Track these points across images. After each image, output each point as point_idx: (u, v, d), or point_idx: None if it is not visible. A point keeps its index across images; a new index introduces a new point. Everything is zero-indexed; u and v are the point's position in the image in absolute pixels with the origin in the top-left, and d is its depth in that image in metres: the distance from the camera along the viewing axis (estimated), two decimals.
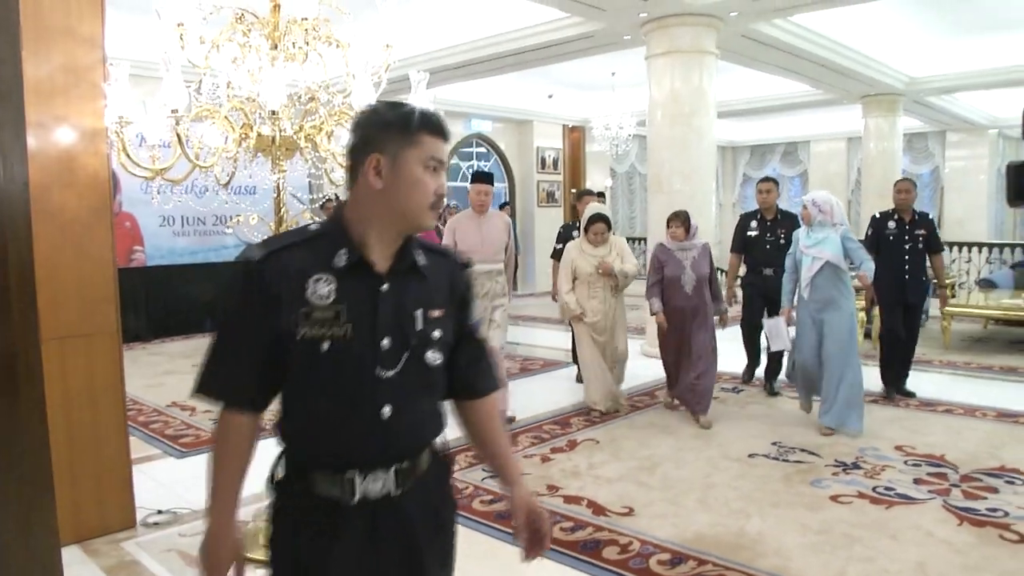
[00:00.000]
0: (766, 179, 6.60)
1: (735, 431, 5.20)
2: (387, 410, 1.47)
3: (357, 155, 1.49)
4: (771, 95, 13.30)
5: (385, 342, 1.47)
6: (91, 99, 3.50)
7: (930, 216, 6.25)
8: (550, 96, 13.74)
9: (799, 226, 5.58)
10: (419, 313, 1.51)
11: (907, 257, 5.96)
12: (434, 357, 1.54)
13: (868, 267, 5.14)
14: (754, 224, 6.41)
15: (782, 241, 6.03)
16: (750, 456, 4.66)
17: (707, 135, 7.94)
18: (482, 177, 5.51)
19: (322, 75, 3.35)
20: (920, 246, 5.99)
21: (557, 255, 6.63)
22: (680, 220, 5.56)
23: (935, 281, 6.43)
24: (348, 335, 1.44)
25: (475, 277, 4.47)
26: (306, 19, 3.06)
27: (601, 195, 9.05)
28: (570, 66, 10.49)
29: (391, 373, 1.47)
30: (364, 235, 1.49)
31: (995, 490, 4.07)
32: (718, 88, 8.16)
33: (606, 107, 12.55)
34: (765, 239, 6.29)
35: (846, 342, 5.05)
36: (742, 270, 6.59)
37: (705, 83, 7.83)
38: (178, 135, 2.84)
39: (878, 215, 6.24)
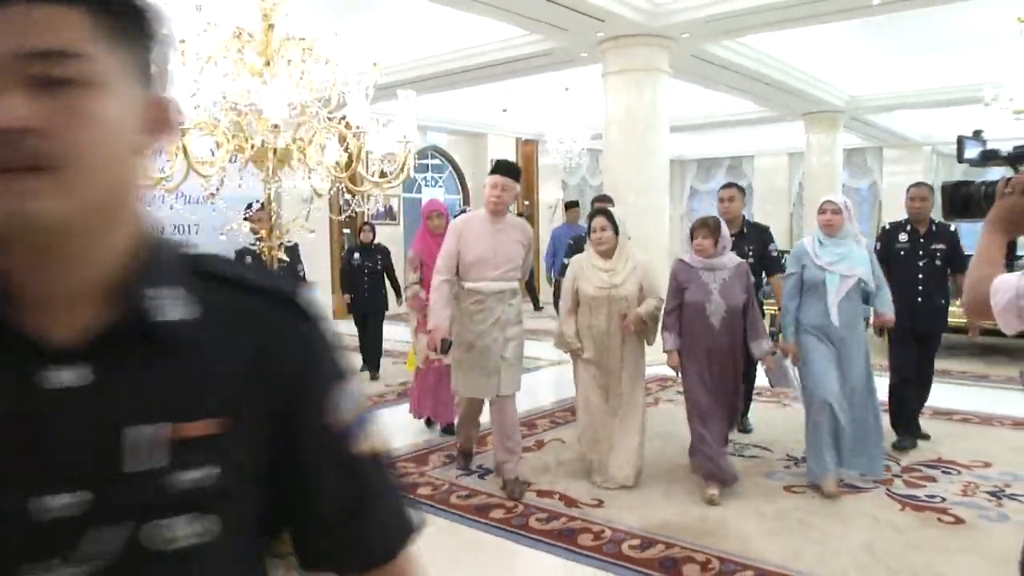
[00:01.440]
0: (729, 185, 5.40)
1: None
2: None
3: None
4: (718, 111, 13.76)
5: (59, 502, 0.67)
6: None
7: (952, 228, 5.05)
8: (504, 110, 14.03)
9: (771, 240, 5.17)
10: (145, 434, 0.69)
11: (921, 276, 4.94)
12: (186, 532, 0.71)
13: (884, 297, 4.43)
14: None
15: (749, 259, 4.85)
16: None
17: (660, 150, 8.28)
18: (504, 168, 4.27)
19: (313, 91, 3.54)
20: (938, 263, 4.95)
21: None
22: (708, 229, 4.18)
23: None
24: None
25: (480, 299, 4.15)
26: (303, 39, 3.24)
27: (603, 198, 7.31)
28: (524, 81, 10.76)
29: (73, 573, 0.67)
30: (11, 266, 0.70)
31: (933, 479, 4.43)
32: (669, 104, 8.52)
33: (560, 121, 12.87)
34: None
35: (867, 371, 4.31)
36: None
37: (658, 100, 8.18)
38: (184, 147, 3.00)
39: (888, 226, 5.31)
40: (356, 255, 7.67)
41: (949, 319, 5.26)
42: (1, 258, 0.69)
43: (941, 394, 6.48)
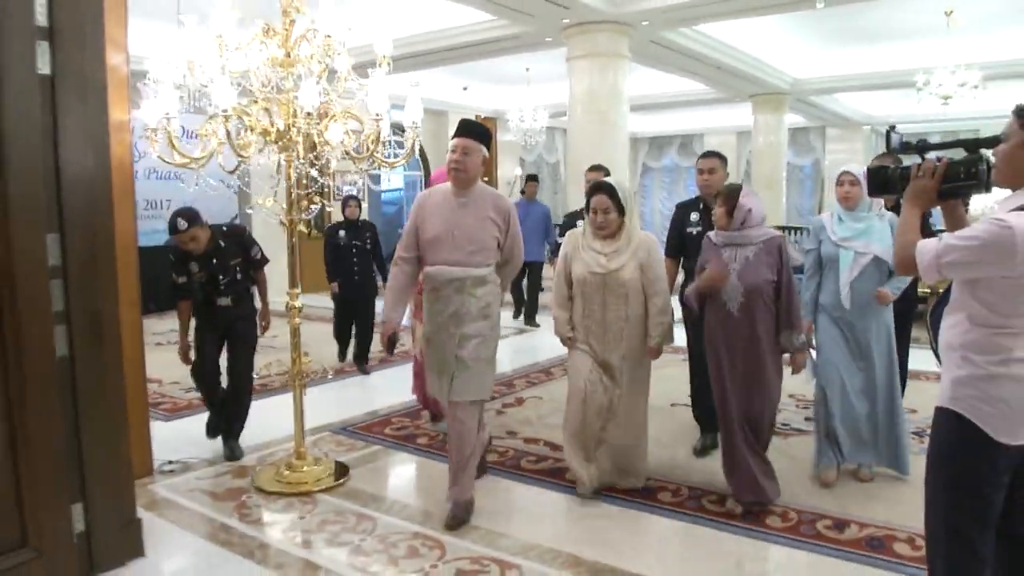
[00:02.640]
0: (710, 154, 4.65)
1: (658, 386, 6.04)
2: None
3: None
4: (669, 92, 14.35)
5: None
6: (118, 93, 3.98)
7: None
8: (465, 88, 14.41)
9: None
10: None
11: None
12: None
13: (904, 279, 3.91)
14: (694, 217, 4.56)
15: None
16: (672, 405, 5.51)
17: (621, 129, 8.84)
18: (466, 128, 3.62)
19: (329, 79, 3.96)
20: None
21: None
22: (723, 197, 3.61)
23: None
24: None
25: (436, 288, 3.57)
26: (329, 36, 3.66)
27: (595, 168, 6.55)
28: (486, 61, 11.17)
29: None
30: None
31: None
32: (629, 86, 9.05)
33: (520, 100, 13.32)
34: None
35: (889, 359, 3.99)
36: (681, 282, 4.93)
37: (619, 83, 8.72)
38: (227, 132, 3.42)
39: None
40: (341, 233, 6.81)
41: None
42: None
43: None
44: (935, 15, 8.67)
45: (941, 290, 6.87)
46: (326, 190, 4.42)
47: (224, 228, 4.69)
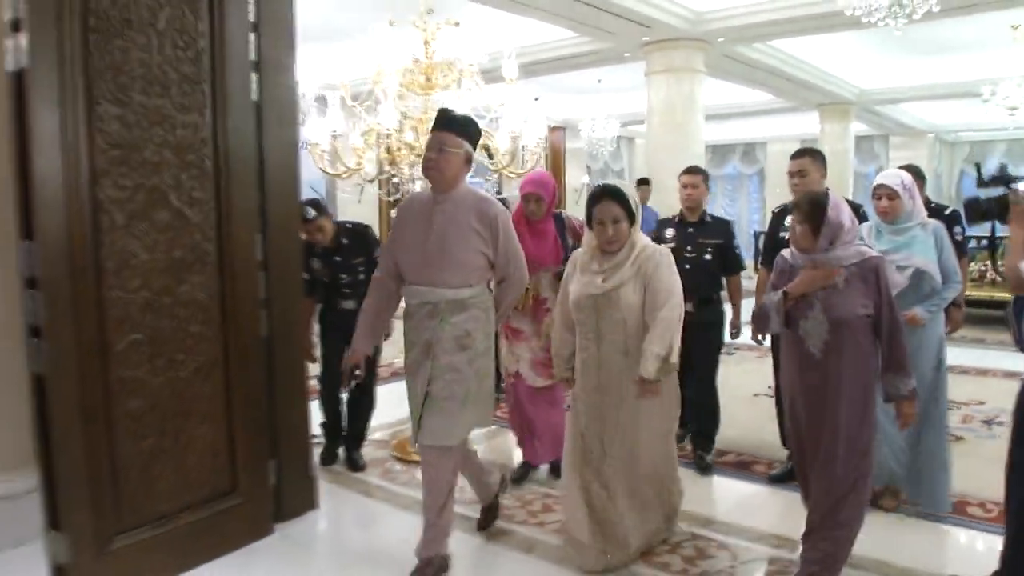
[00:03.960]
0: (803, 153, 4.04)
1: (737, 379, 6.45)
2: None
3: None
4: (734, 101, 14.66)
5: None
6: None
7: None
8: (536, 99, 14.93)
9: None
10: None
11: None
12: None
13: (944, 293, 3.56)
14: (791, 221, 3.69)
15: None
16: (754, 395, 5.94)
17: (697, 139, 9.30)
18: (441, 120, 3.09)
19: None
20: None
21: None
22: (801, 211, 2.86)
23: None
24: None
25: (409, 312, 3.11)
26: (471, 65, 4.22)
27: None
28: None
29: None
30: None
31: None
32: (704, 98, 9.48)
33: (590, 110, 13.79)
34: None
35: (931, 381, 3.57)
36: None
37: (695, 95, 9.18)
38: (388, 148, 3.99)
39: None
40: None
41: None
42: None
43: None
44: (1001, 28, 8.93)
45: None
46: None
47: (348, 225, 4.46)
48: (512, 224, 3.17)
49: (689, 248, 4.34)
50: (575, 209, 13.96)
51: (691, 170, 4.58)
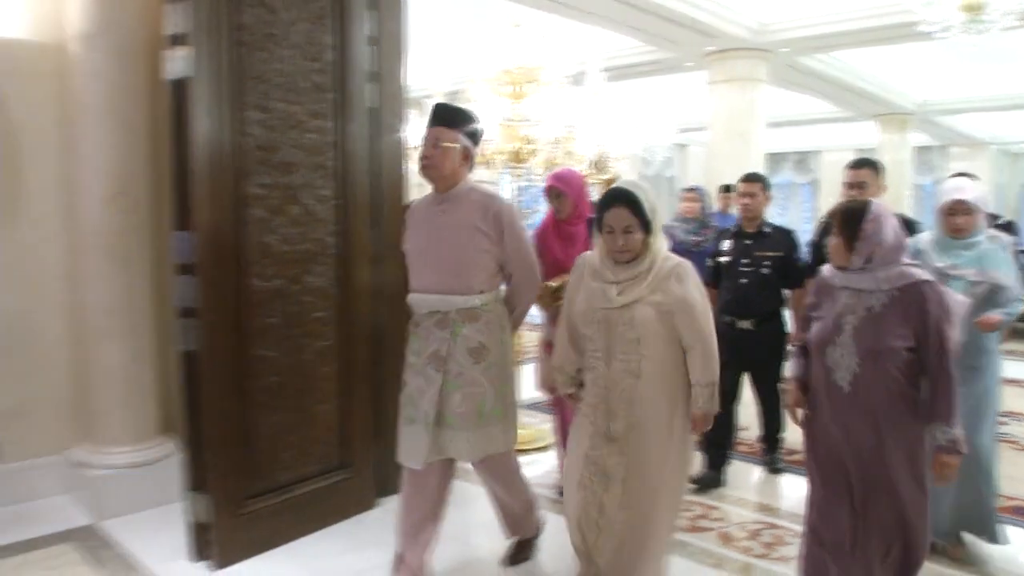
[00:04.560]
0: (861, 163, 3.79)
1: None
2: None
3: None
4: (790, 110, 14.75)
5: None
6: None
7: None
8: (579, 103, 15.16)
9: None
10: None
11: None
12: None
13: (1012, 310, 3.16)
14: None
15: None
16: None
17: (756, 148, 9.45)
18: (438, 114, 2.90)
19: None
20: None
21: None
22: (837, 222, 2.60)
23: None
24: None
25: (416, 321, 2.96)
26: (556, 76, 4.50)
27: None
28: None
29: None
30: None
31: (1006, 423, 5.53)
32: (765, 107, 9.65)
33: (648, 117, 13.98)
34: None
35: (982, 415, 3.20)
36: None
37: (756, 104, 9.34)
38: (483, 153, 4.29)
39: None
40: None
41: None
42: None
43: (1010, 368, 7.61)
44: None
45: None
46: None
47: None
48: (519, 219, 2.99)
49: (745, 261, 4.16)
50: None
51: (749, 177, 4.37)
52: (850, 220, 2.54)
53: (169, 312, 3.95)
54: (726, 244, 4.31)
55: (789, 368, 2.83)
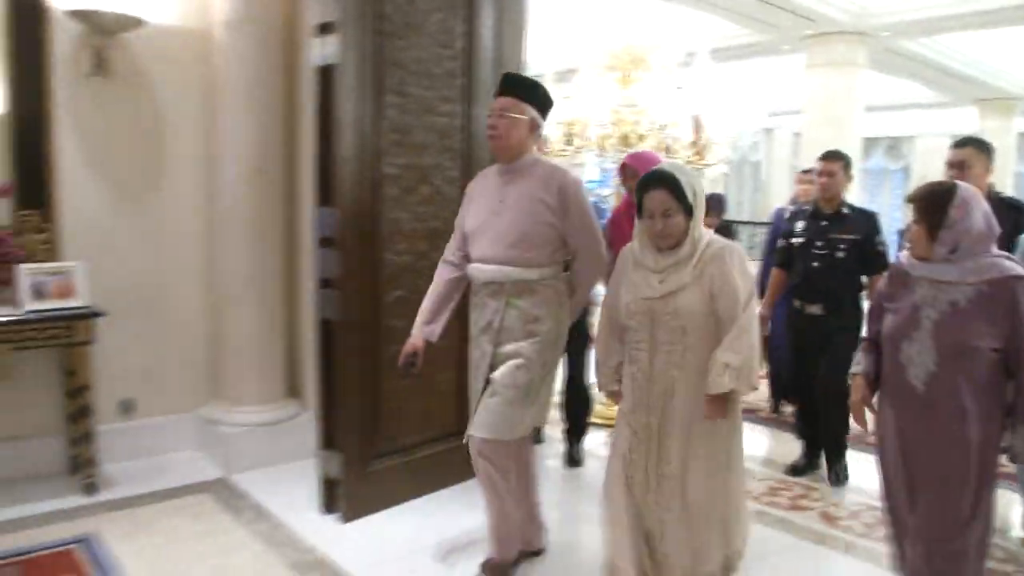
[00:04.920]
0: (828, 155, 4.09)
1: None
2: None
3: None
4: (884, 94, 14.40)
5: None
6: None
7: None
8: (679, 88, 15.09)
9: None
10: None
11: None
12: None
13: None
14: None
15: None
16: None
17: (852, 133, 9.36)
18: (508, 83, 2.89)
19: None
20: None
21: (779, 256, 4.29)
22: (917, 207, 2.36)
23: None
24: None
25: (474, 291, 2.94)
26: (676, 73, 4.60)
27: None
28: None
29: None
30: None
31: None
32: (863, 91, 9.51)
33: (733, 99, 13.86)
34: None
35: None
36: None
37: (854, 89, 9.24)
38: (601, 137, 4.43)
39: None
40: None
41: None
42: None
43: None
44: None
45: None
46: None
47: None
48: (584, 193, 2.89)
49: (819, 243, 3.95)
50: None
51: (828, 155, 4.10)
52: (933, 205, 2.28)
53: (298, 283, 4.24)
54: (799, 225, 4.10)
55: (857, 362, 2.62)
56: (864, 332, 2.70)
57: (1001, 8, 7.73)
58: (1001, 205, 3.31)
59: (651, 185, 2.45)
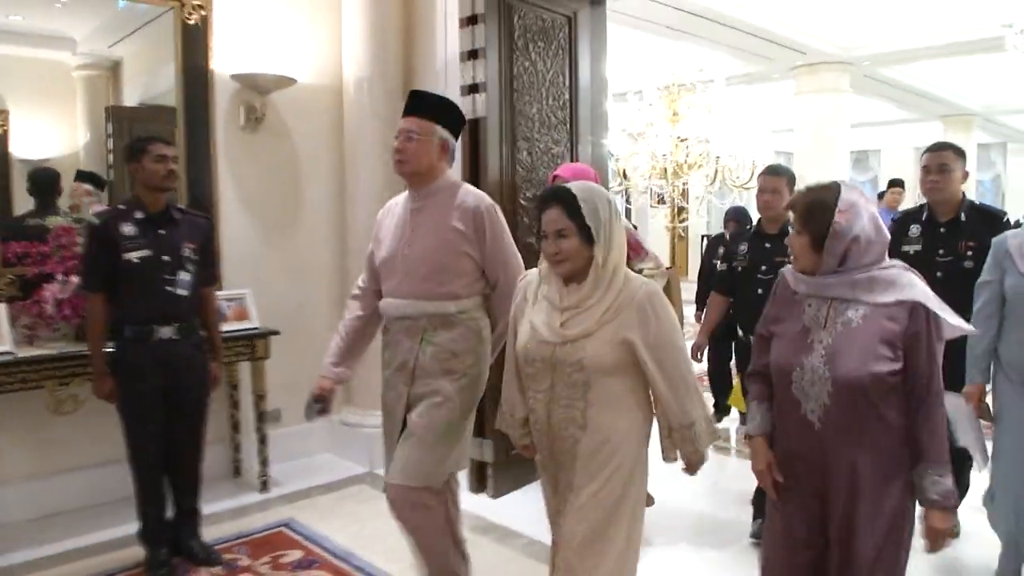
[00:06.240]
0: (771, 169, 3.59)
1: None
2: None
3: None
4: (858, 114, 15.48)
5: None
6: None
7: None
8: (675, 113, 15.99)
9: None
10: None
11: None
12: None
13: None
14: (915, 231, 3.41)
15: (968, 263, 3.20)
16: None
17: (841, 150, 10.33)
18: (416, 105, 2.63)
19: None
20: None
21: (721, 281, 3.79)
22: (801, 215, 1.99)
23: None
24: None
25: (386, 327, 2.73)
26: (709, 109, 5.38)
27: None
28: None
29: None
30: None
31: None
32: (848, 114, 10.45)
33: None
34: (936, 257, 3.29)
35: None
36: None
37: (841, 111, 10.19)
38: (665, 169, 5.18)
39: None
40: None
41: None
42: None
43: None
44: None
45: None
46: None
47: None
48: (501, 219, 2.65)
49: (764, 268, 3.42)
50: (694, 220, 14.86)
51: (770, 170, 3.56)
52: (817, 210, 1.95)
53: None
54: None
55: (751, 418, 2.18)
56: (751, 367, 2.22)
57: (966, 41, 8.81)
58: (977, 215, 3.29)
59: (547, 202, 2.12)
